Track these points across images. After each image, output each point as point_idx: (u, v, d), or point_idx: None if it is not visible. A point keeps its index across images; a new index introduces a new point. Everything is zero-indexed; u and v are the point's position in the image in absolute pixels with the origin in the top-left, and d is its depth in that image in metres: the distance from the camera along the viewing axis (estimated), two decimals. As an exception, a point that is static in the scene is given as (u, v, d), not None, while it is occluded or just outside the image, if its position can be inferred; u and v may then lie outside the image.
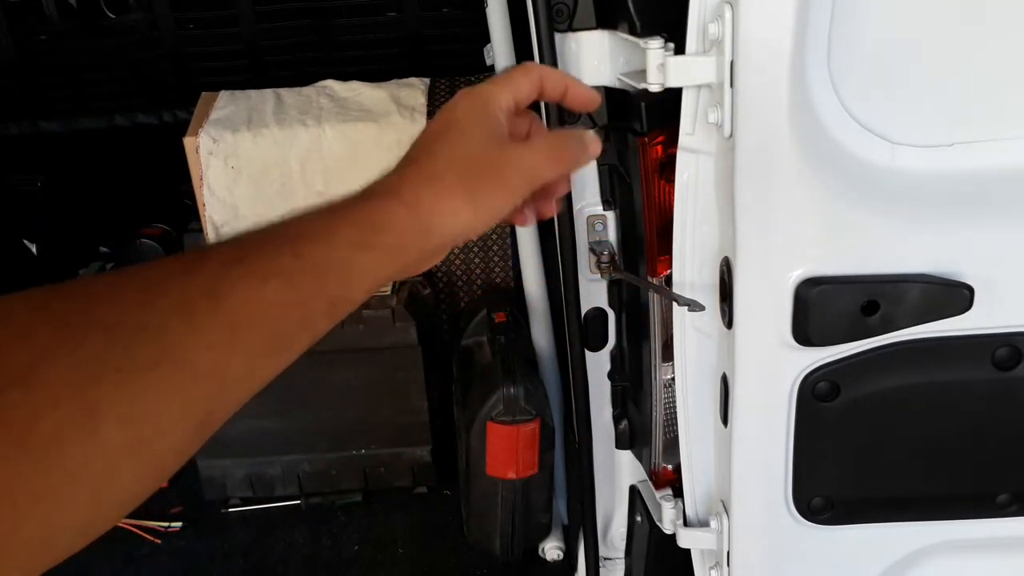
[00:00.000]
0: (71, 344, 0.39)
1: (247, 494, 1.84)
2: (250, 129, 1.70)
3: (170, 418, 0.42)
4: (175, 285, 0.44)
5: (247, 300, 0.45)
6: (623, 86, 1.14)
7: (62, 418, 0.37)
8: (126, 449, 0.40)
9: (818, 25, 0.86)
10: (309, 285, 0.48)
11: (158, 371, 0.41)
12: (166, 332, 0.42)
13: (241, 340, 0.45)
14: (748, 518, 1.11)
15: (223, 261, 0.46)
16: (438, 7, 2.16)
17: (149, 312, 0.42)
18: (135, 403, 0.40)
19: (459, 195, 0.58)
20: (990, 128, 0.93)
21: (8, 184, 2.29)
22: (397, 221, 0.54)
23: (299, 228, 0.50)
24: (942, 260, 0.94)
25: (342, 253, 0.51)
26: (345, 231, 0.52)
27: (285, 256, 0.48)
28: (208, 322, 0.44)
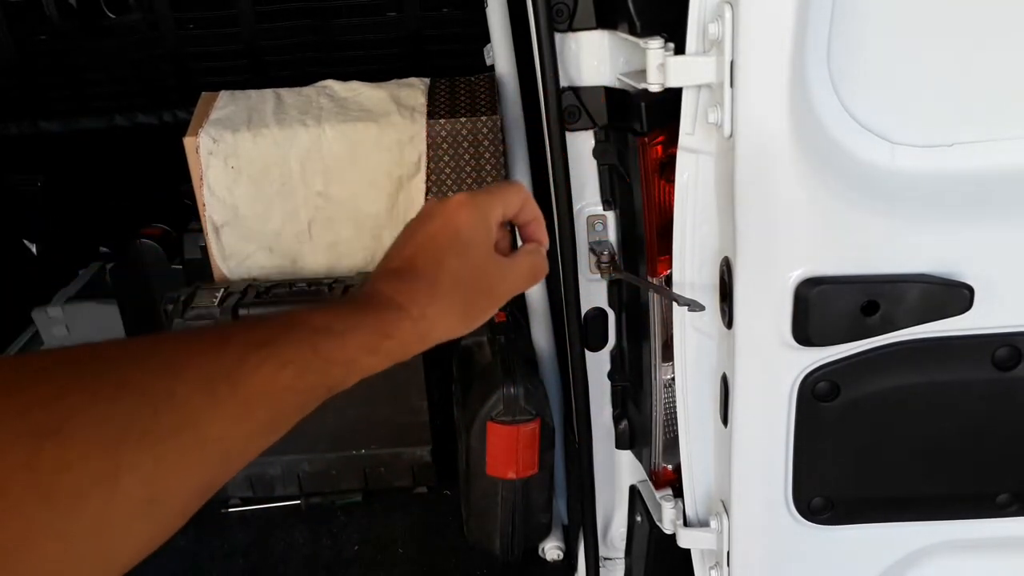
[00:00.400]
0: (104, 404, 0.42)
1: (247, 494, 1.84)
2: (250, 129, 1.70)
3: (183, 482, 0.46)
4: (202, 362, 0.48)
5: (263, 383, 0.50)
6: (623, 86, 1.14)
7: (89, 472, 0.40)
8: (142, 507, 0.43)
9: (818, 25, 0.86)
10: (317, 376, 0.54)
11: (179, 439, 0.45)
12: (189, 404, 0.46)
13: (252, 418, 0.50)
14: (748, 518, 1.11)
15: (247, 343, 0.51)
16: (438, 7, 2.16)
17: (177, 383, 0.46)
18: (155, 465, 0.43)
19: (457, 311, 0.66)
20: (990, 128, 0.93)
21: (8, 184, 2.29)
22: (402, 332, 0.61)
23: (319, 322, 0.56)
24: (942, 260, 0.94)
25: (351, 354, 0.57)
26: (358, 336, 0.58)
27: (304, 348, 0.53)
28: (227, 400, 0.48)
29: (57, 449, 0.40)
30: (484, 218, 0.70)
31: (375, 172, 1.72)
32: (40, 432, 0.39)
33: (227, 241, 1.75)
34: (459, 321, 0.66)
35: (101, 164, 2.29)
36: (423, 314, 0.63)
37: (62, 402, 0.41)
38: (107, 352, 0.46)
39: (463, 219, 0.69)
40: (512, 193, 0.74)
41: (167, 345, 0.49)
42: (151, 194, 2.17)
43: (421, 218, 0.71)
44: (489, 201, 0.71)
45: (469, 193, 0.71)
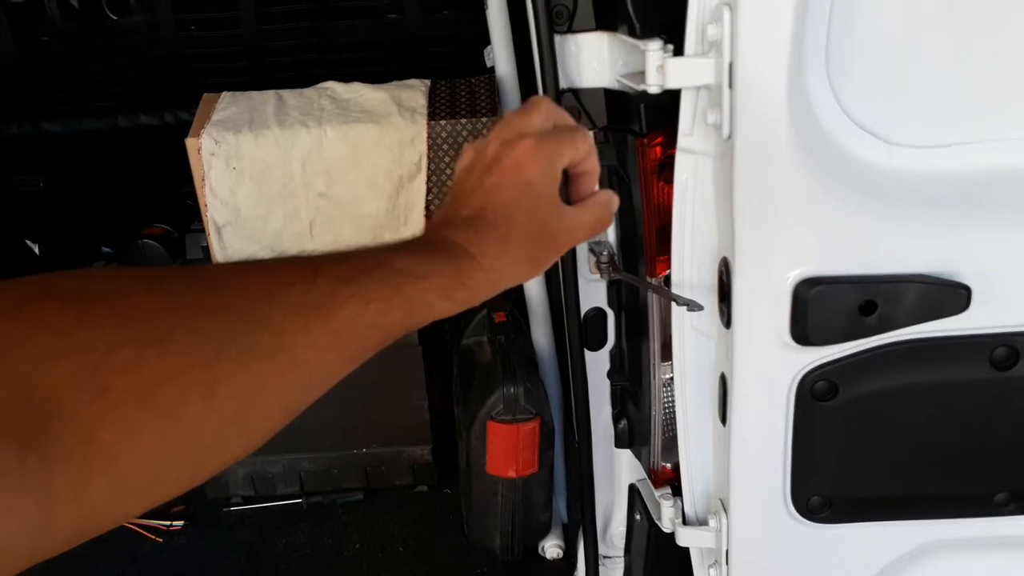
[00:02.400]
0: (205, 321, 0.45)
1: (249, 493, 1.85)
2: (252, 130, 1.70)
3: (272, 400, 0.49)
4: (295, 291, 0.51)
5: (351, 316, 0.53)
6: (622, 87, 1.14)
7: (188, 382, 0.43)
8: (233, 419, 0.46)
9: (817, 26, 0.87)
10: (398, 314, 0.57)
11: (272, 361, 0.48)
12: (283, 330, 0.49)
13: (339, 348, 0.52)
14: (747, 517, 1.11)
15: (337, 277, 0.53)
16: (439, 9, 2.17)
17: (273, 308, 0.49)
18: (249, 383, 0.46)
19: (525, 261, 0.68)
20: (988, 128, 0.93)
21: (10, 184, 2.30)
22: (474, 281, 0.64)
23: (401, 264, 0.59)
24: (940, 260, 0.94)
25: (430, 297, 0.60)
26: (435, 280, 0.61)
27: (388, 287, 0.56)
28: (318, 329, 0.51)
29: (159, 358, 0.42)
30: (553, 169, 0.70)
31: (376, 173, 1.72)
32: (145, 340, 0.42)
33: (229, 241, 1.76)
34: (525, 269, 0.68)
35: (103, 165, 2.30)
36: (493, 265, 0.65)
37: (167, 314, 0.44)
38: (208, 273, 0.50)
39: (533, 171, 0.69)
40: (581, 140, 0.73)
41: (263, 273, 0.51)
42: (153, 195, 2.18)
43: (489, 162, 0.70)
44: (558, 150, 0.71)
45: (537, 139, 0.70)
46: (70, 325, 0.40)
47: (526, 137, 0.70)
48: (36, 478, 0.37)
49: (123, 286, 0.44)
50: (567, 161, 0.72)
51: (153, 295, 0.45)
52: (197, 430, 0.44)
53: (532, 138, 0.70)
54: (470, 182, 0.70)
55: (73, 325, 0.40)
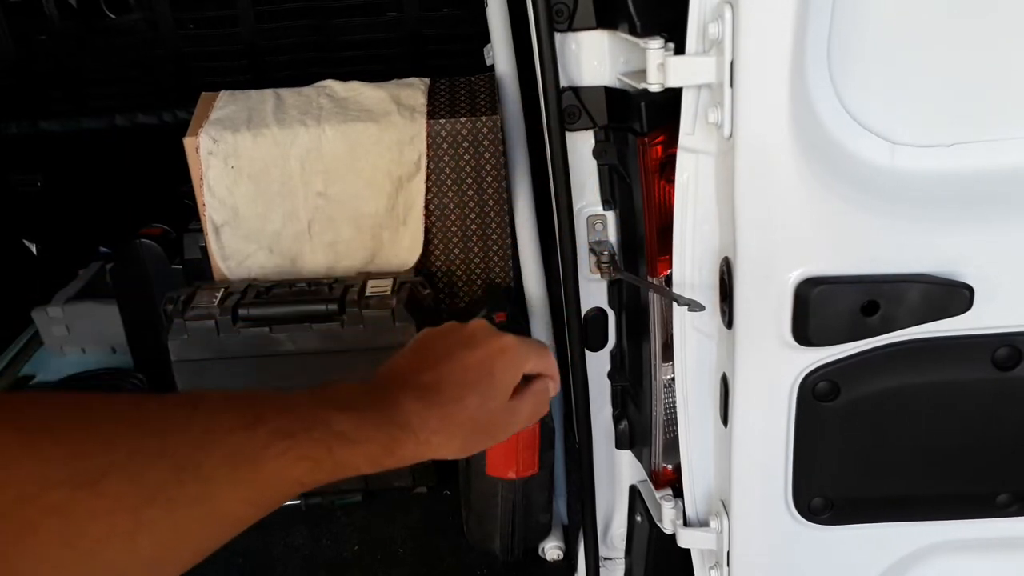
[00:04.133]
0: (142, 465, 0.47)
1: (247, 494, 1.84)
2: (250, 129, 1.70)
3: (191, 546, 0.51)
4: (232, 441, 0.52)
5: (279, 471, 0.54)
6: (623, 86, 1.14)
7: (113, 525, 0.44)
8: (152, 563, 0.47)
9: (818, 25, 0.86)
10: (324, 474, 0.58)
11: (197, 509, 0.49)
12: (213, 480, 0.50)
13: (261, 499, 0.54)
14: (748, 518, 1.11)
15: (275, 431, 0.54)
16: (438, 7, 2.16)
17: (207, 457, 0.50)
18: (171, 529, 0.48)
19: (458, 444, 0.69)
20: (990, 128, 0.93)
21: (8, 184, 2.29)
22: (404, 452, 0.65)
23: (340, 427, 0.59)
24: (942, 260, 0.94)
25: (358, 462, 0.61)
26: (367, 447, 0.61)
27: (321, 448, 0.57)
28: (246, 481, 0.52)
29: (89, 499, 0.43)
30: (518, 370, 0.74)
31: (375, 172, 1.72)
32: (79, 481, 0.43)
33: (227, 241, 1.75)
34: (456, 451, 0.69)
35: (101, 164, 2.29)
36: (428, 439, 0.66)
37: (105, 455, 0.45)
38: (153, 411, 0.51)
39: (501, 367, 0.72)
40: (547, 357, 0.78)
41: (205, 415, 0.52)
42: (151, 194, 2.17)
43: (465, 339, 0.73)
44: (528, 356, 0.75)
45: (518, 340, 0.74)
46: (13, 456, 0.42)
47: (508, 335, 0.74)
48: None
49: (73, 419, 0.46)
50: (530, 367, 0.75)
51: (96, 433, 0.46)
52: (113, 570, 0.45)
53: (514, 338, 0.74)
54: (442, 345, 0.73)
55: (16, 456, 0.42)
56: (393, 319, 1.68)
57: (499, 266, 1.91)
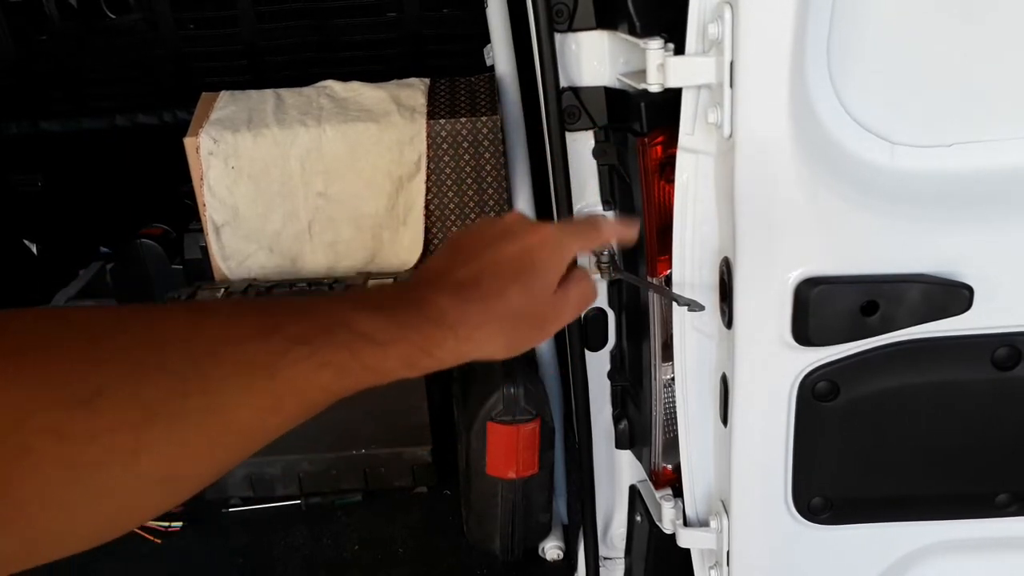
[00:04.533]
0: (137, 381, 0.44)
1: (247, 494, 1.84)
2: (250, 129, 1.70)
3: (201, 463, 0.47)
4: (244, 349, 0.48)
5: (300, 379, 0.50)
6: (623, 86, 1.14)
7: (112, 445, 0.42)
8: (156, 481, 0.45)
9: (818, 25, 0.86)
10: (353, 380, 0.54)
11: (205, 424, 0.46)
12: (223, 391, 0.47)
13: (282, 410, 0.50)
14: (748, 518, 1.11)
15: (292, 337, 0.50)
16: (438, 7, 2.16)
17: (212, 367, 0.46)
18: (177, 448, 0.45)
19: (503, 341, 0.64)
20: (990, 128, 0.93)
21: (9, 184, 2.29)
22: (443, 351, 0.59)
23: (364, 328, 0.54)
24: (942, 260, 0.94)
25: (392, 364, 0.56)
26: (399, 348, 0.56)
27: (344, 352, 0.53)
28: (261, 392, 0.48)
29: (85, 420, 0.41)
30: (562, 258, 0.69)
31: (375, 172, 1.72)
32: (73, 402, 0.41)
33: (227, 241, 1.75)
34: (501, 348, 0.64)
35: (101, 164, 2.29)
36: (469, 336, 0.61)
37: (100, 373, 0.42)
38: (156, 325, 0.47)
39: (545, 256, 0.67)
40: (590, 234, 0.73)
41: (211, 327, 0.49)
42: (151, 194, 2.17)
43: (501, 232, 0.68)
44: (572, 242, 0.71)
45: (560, 227, 0.70)
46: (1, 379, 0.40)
47: (548, 224, 0.70)
48: None
49: (64, 337, 0.44)
50: (576, 249, 0.71)
51: (91, 349, 0.44)
52: (117, 491, 0.43)
53: (552, 226, 0.69)
54: (475, 245, 0.67)
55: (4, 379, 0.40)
56: (393, 319, 1.68)
57: (499, 266, 1.91)
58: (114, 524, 0.45)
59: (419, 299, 0.60)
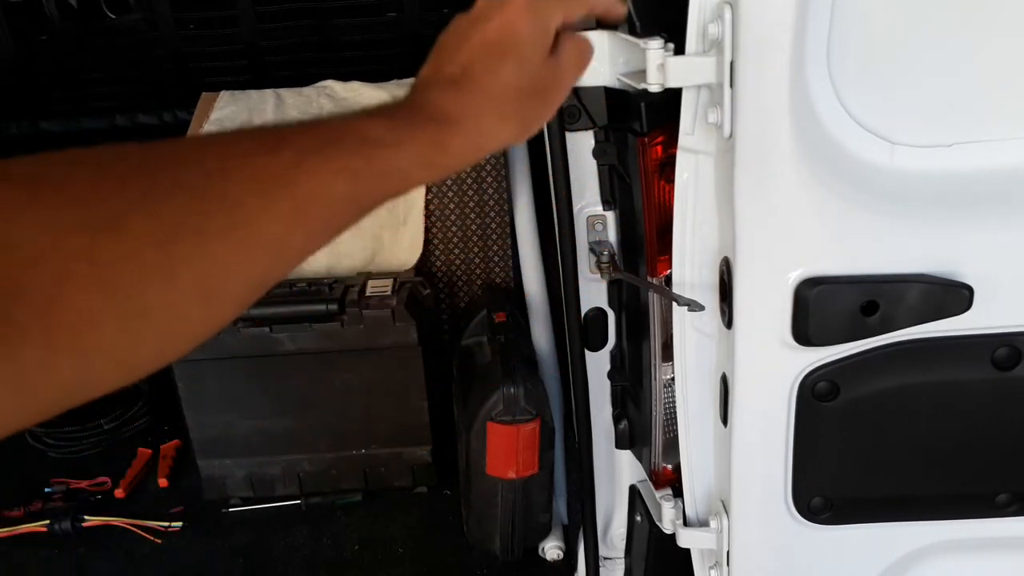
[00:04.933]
0: (159, 200, 0.44)
1: (247, 494, 1.84)
2: (250, 129, 1.70)
3: (235, 276, 0.48)
4: (257, 164, 0.49)
5: (316, 188, 0.50)
6: (623, 86, 1.14)
7: (144, 264, 0.42)
8: (195, 297, 0.45)
9: (818, 25, 0.86)
10: (371, 185, 0.54)
11: (231, 237, 0.46)
12: (243, 204, 0.47)
13: (304, 221, 0.50)
14: (748, 518, 1.11)
15: (301, 148, 0.50)
16: (438, 7, 2.16)
17: (231, 183, 0.47)
18: (208, 261, 0.45)
19: (513, 119, 0.64)
20: (990, 128, 0.93)
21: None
22: (456, 146, 0.60)
23: (372, 132, 0.55)
24: (942, 260, 0.94)
25: (405, 165, 0.56)
26: (412, 148, 0.57)
27: (357, 158, 0.53)
28: (280, 202, 0.49)
29: (112, 241, 0.41)
30: (545, 24, 0.69)
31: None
32: (97, 224, 0.41)
33: (227, 241, 1.75)
34: (515, 128, 0.65)
35: (101, 164, 2.29)
36: (478, 127, 0.62)
37: (119, 196, 0.43)
38: (164, 149, 0.48)
39: (523, 25, 0.67)
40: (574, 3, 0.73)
41: (222, 146, 0.49)
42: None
43: (475, 18, 0.68)
44: (551, 11, 0.70)
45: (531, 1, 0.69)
46: (20, 211, 0.40)
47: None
48: (4, 359, 0.38)
49: (75, 169, 0.44)
50: (560, 20, 0.70)
51: (105, 177, 0.44)
52: (159, 310, 0.44)
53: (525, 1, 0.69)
54: (454, 39, 0.68)
55: (25, 210, 0.40)
56: (393, 319, 1.68)
57: (499, 266, 1.91)
58: (163, 346, 0.45)
59: (419, 103, 0.61)
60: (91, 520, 1.77)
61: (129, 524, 1.78)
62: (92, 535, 1.76)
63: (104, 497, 1.87)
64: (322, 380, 1.72)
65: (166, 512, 1.82)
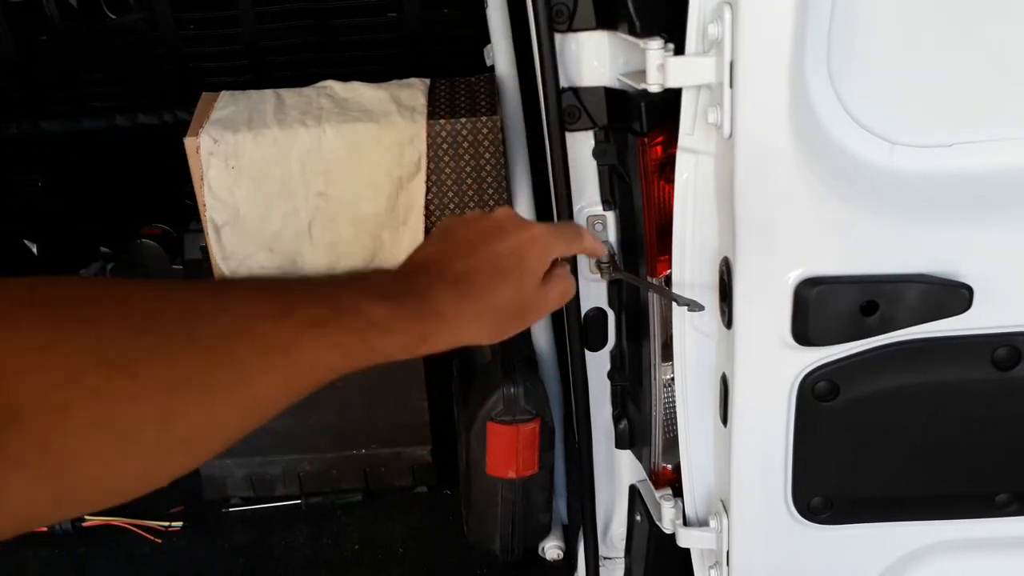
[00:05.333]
0: (173, 351, 0.47)
1: (247, 494, 1.84)
2: (251, 129, 1.70)
3: (223, 428, 0.51)
4: (264, 330, 0.53)
5: (313, 360, 0.55)
6: (623, 86, 1.14)
7: (147, 408, 0.45)
8: (183, 443, 0.49)
9: (818, 25, 0.86)
10: (357, 361, 0.58)
11: (230, 395, 0.50)
12: (245, 367, 0.51)
13: (295, 386, 0.54)
14: (747, 518, 1.11)
15: (305, 320, 0.55)
16: (438, 7, 2.16)
17: (238, 344, 0.51)
18: (204, 413, 0.49)
19: (490, 329, 0.71)
20: (990, 128, 0.93)
21: (9, 184, 2.29)
22: (436, 340, 0.66)
23: (373, 315, 0.60)
24: (941, 260, 0.94)
25: (391, 349, 0.61)
26: (401, 336, 0.62)
27: (354, 336, 0.58)
28: (279, 368, 0.53)
29: (123, 382, 0.44)
30: (547, 257, 0.76)
31: (375, 172, 1.72)
32: (113, 364, 0.44)
33: (227, 241, 1.75)
34: (488, 336, 0.71)
35: (102, 164, 2.29)
36: (460, 327, 0.67)
37: (138, 341, 0.46)
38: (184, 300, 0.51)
39: (534, 255, 0.74)
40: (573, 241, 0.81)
41: (235, 304, 0.53)
42: (151, 194, 2.17)
43: (494, 228, 0.74)
44: (558, 244, 0.78)
45: (547, 228, 0.76)
46: (45, 340, 0.42)
47: (537, 224, 0.76)
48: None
49: (101, 305, 0.47)
50: (560, 251, 0.78)
51: (128, 318, 0.47)
52: (148, 452, 0.46)
53: (543, 227, 0.76)
54: (472, 234, 0.73)
55: (48, 341, 0.42)
56: (393, 319, 1.68)
57: (499, 266, 1.91)
58: (140, 482, 0.48)
59: (421, 290, 0.66)
60: (91, 520, 1.77)
61: (129, 524, 1.78)
62: (92, 535, 1.76)
63: (104, 497, 1.87)
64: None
65: (166, 512, 1.82)
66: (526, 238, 0.74)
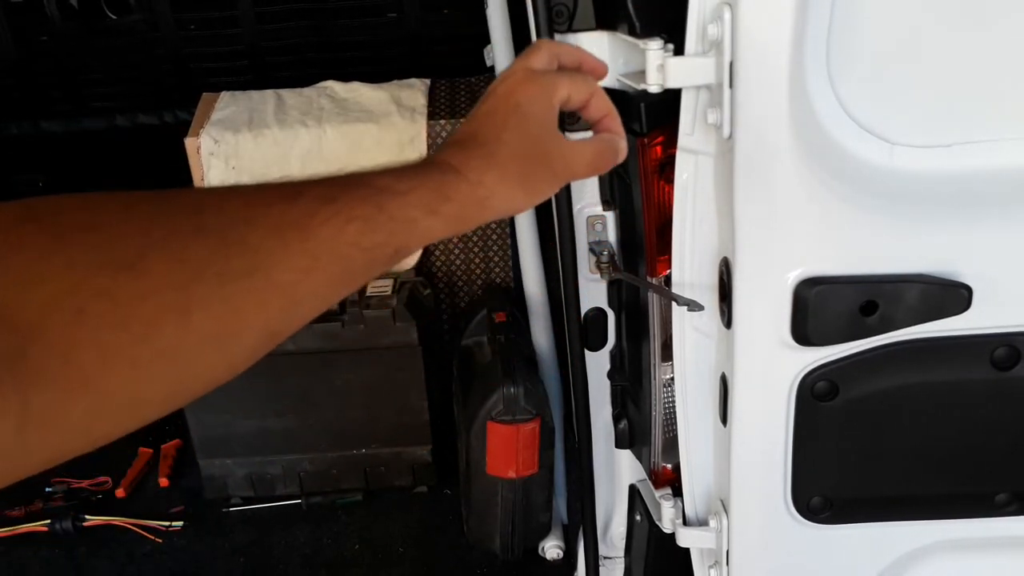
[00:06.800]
0: (180, 243, 0.45)
1: (248, 493, 1.84)
2: (251, 130, 1.70)
3: (251, 322, 0.49)
4: (275, 212, 0.51)
5: (331, 235, 0.53)
6: (622, 87, 1.14)
7: (162, 304, 0.44)
8: (212, 341, 0.46)
9: (817, 25, 0.86)
10: (381, 234, 0.56)
11: (249, 281, 0.48)
12: (261, 250, 0.49)
13: (320, 269, 0.52)
14: (747, 517, 1.11)
15: (317, 197, 0.53)
16: (438, 8, 2.17)
17: (250, 229, 0.49)
18: (225, 304, 0.47)
19: (516, 181, 0.68)
20: (989, 128, 0.93)
21: (10, 184, 2.29)
22: (461, 195, 0.63)
23: (383, 183, 0.58)
24: (941, 260, 0.94)
25: (412, 213, 0.59)
26: (419, 195, 0.60)
27: (368, 205, 0.56)
28: (296, 249, 0.50)
29: (133, 281, 0.42)
30: (546, 94, 0.72)
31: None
32: (119, 264, 0.42)
33: (228, 241, 1.75)
34: (518, 191, 0.68)
35: (102, 164, 2.30)
36: (480, 180, 0.65)
37: (141, 238, 0.44)
38: (187, 196, 0.50)
39: (524, 93, 0.71)
40: (580, 81, 0.75)
41: (242, 195, 0.51)
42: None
43: (485, 95, 0.73)
44: (554, 81, 0.73)
45: (530, 70, 0.73)
46: (47, 250, 0.41)
47: (519, 70, 0.72)
48: (12, 401, 0.38)
49: (100, 211, 0.45)
50: (564, 94, 0.73)
51: (129, 219, 0.45)
52: (173, 352, 0.44)
53: (525, 69, 0.73)
54: (471, 114, 0.72)
55: (50, 250, 0.41)
56: (393, 319, 1.69)
57: (499, 266, 1.91)
58: (178, 387, 0.46)
59: (427, 161, 0.65)
60: (92, 520, 1.78)
61: (130, 523, 1.78)
62: (93, 535, 1.76)
63: (105, 496, 1.87)
64: (323, 380, 1.72)
65: (167, 511, 1.82)
66: (512, 83, 0.72)
